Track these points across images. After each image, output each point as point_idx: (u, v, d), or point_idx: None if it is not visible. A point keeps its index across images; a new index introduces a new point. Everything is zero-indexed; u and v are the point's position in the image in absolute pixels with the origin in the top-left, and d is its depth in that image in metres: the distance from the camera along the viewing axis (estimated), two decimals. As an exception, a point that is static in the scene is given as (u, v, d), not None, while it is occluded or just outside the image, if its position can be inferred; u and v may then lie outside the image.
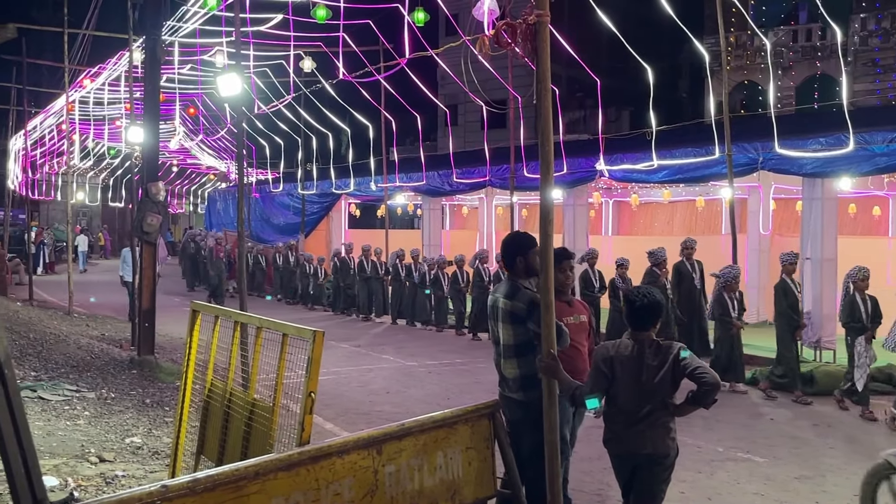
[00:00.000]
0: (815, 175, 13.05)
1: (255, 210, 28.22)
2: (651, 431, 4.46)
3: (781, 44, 28.92)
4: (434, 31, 31.37)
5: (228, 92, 10.74)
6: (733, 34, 29.15)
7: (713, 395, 4.30)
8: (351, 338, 16.08)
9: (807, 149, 12.77)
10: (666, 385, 4.43)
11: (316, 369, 4.26)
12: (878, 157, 12.18)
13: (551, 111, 4.76)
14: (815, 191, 13.39)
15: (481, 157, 18.80)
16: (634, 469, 4.55)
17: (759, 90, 29.07)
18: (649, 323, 4.55)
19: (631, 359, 4.50)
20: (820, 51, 28.58)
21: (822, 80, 28.54)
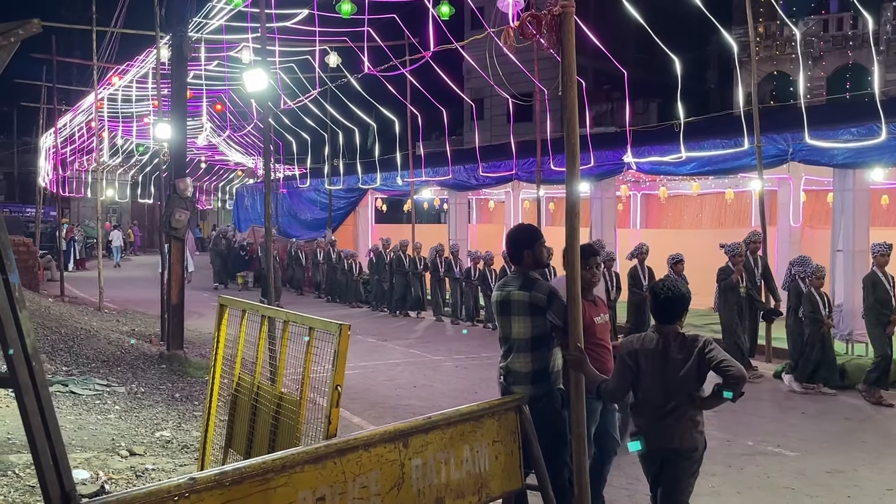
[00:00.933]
0: (846, 166, 12.87)
1: (283, 206, 28.34)
2: (678, 425, 4.42)
3: (812, 34, 28.55)
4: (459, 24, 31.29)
5: (255, 88, 10.77)
6: (762, 24, 28.81)
7: (740, 387, 4.25)
8: (384, 333, 16.12)
9: (838, 139, 12.59)
10: (692, 378, 4.39)
11: (342, 363, 4.26)
12: (912, 146, 11.99)
13: (577, 103, 4.73)
14: (847, 182, 13.20)
15: (507, 151, 18.75)
16: (662, 464, 4.51)
17: (789, 81, 28.72)
18: (675, 316, 4.51)
19: (656, 352, 4.46)
20: (851, 40, 28.18)
21: (854, 70, 28.15)
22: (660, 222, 23.14)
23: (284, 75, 21.25)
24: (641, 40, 19.50)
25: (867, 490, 6.63)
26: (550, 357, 5.11)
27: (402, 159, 21.67)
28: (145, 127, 27.47)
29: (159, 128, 14.35)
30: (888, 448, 7.93)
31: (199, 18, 15.69)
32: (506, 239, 5.46)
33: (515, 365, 5.13)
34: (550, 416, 5.01)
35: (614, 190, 18.87)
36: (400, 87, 19.87)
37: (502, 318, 5.21)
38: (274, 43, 17.57)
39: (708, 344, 4.39)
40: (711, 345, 4.39)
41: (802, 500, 6.39)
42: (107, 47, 22.70)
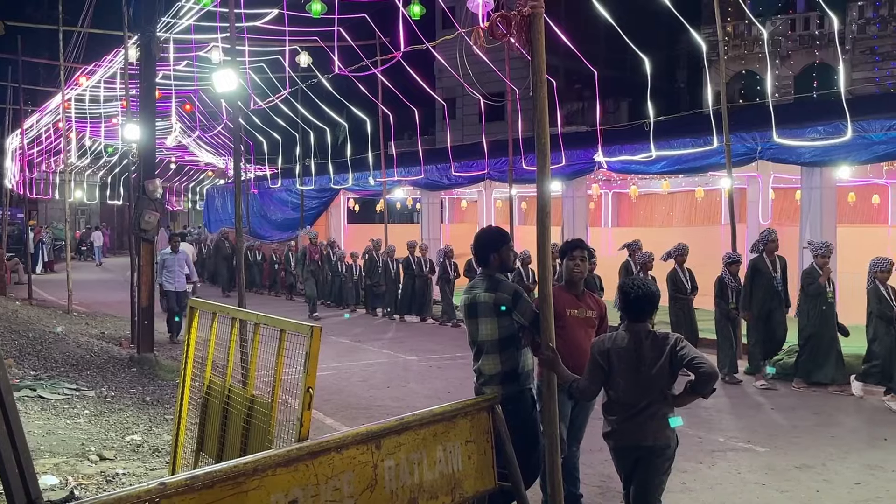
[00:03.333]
0: (813, 164, 13.04)
1: (253, 206, 28.18)
2: (651, 423, 4.46)
3: (779, 33, 28.87)
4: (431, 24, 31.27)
5: (224, 88, 10.71)
6: (731, 24, 29.09)
7: (711, 384, 4.30)
8: (358, 334, 16.07)
9: (805, 138, 12.75)
10: (664, 376, 4.43)
11: (314, 365, 4.25)
12: (877, 145, 12.17)
13: (547, 103, 4.75)
14: (814, 180, 13.37)
15: (479, 151, 18.78)
16: (636, 461, 4.54)
17: (758, 79, 29.01)
18: (645, 314, 4.56)
19: (628, 350, 4.50)
20: (818, 39, 28.52)
21: (821, 69, 28.49)
22: (631, 220, 23.30)
23: (255, 75, 21.12)
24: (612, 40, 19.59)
25: (836, 484, 6.71)
26: (520, 357, 5.13)
27: (374, 159, 21.63)
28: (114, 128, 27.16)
29: (128, 128, 14.21)
30: (856, 443, 8.03)
31: (167, 18, 15.54)
32: (474, 241, 5.47)
33: (485, 366, 5.14)
34: (522, 416, 5.03)
35: (586, 189, 18.98)
36: (371, 87, 19.83)
37: (470, 320, 5.22)
38: (244, 43, 17.45)
39: (679, 341, 4.44)
40: (683, 342, 4.44)
41: (772, 495, 6.46)
42: (74, 47, 22.41)
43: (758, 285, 10.76)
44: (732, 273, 11.20)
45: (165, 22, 15.54)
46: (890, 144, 12.09)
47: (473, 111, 33.63)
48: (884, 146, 12.16)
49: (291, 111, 23.77)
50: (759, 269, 10.78)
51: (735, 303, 11.06)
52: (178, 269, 14.44)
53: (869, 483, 6.73)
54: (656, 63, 15.15)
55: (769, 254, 10.83)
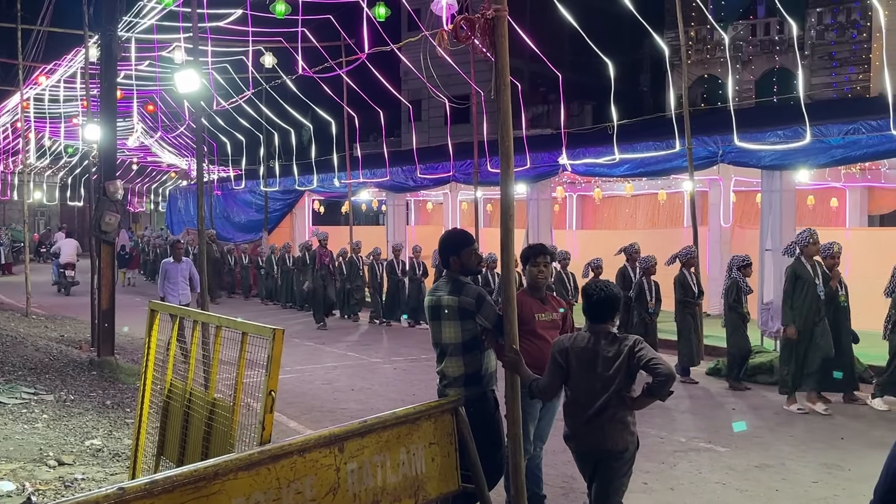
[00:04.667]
0: (773, 167, 13.22)
1: (217, 208, 27.95)
2: (609, 426, 4.47)
3: (740, 38, 29.26)
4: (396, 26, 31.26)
5: (187, 88, 10.61)
6: (693, 28, 29.43)
7: (668, 386, 4.32)
8: (321, 337, 15.99)
9: (765, 142, 12.93)
10: (621, 377, 4.45)
11: (276, 368, 4.23)
12: (834, 149, 12.38)
13: (511, 106, 4.77)
14: (774, 183, 13.56)
15: (445, 153, 18.80)
16: (595, 464, 4.57)
17: (719, 84, 29.39)
18: (607, 316, 4.58)
19: (587, 350, 4.53)
20: (778, 45, 28.96)
21: (781, 74, 28.91)
22: (595, 223, 23.46)
23: (218, 76, 20.94)
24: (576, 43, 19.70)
25: (794, 483, 6.82)
26: (483, 360, 5.15)
27: (339, 161, 21.55)
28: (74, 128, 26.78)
29: (88, 129, 14.04)
30: (814, 442, 8.16)
31: (129, 17, 15.37)
32: (438, 243, 5.48)
33: (449, 369, 5.15)
34: (485, 418, 5.04)
35: (550, 191, 19.07)
36: (336, 89, 19.75)
37: (433, 322, 5.22)
38: (206, 43, 17.30)
39: (638, 343, 4.46)
40: (641, 343, 4.46)
41: (732, 495, 6.54)
42: (33, 46, 22.07)
43: (800, 294, 9.53)
44: (745, 276, 10.69)
45: (127, 21, 15.38)
46: (847, 149, 12.31)
47: (439, 113, 33.66)
48: (841, 150, 12.37)
49: (255, 112, 23.61)
50: (800, 276, 9.54)
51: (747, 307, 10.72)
52: (182, 280, 12.84)
53: (826, 482, 6.85)
54: (620, 67, 15.28)
55: (808, 258, 9.62)
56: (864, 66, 26.88)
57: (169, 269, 12.92)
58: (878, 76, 24.33)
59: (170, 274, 12.86)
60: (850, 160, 13.04)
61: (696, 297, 11.53)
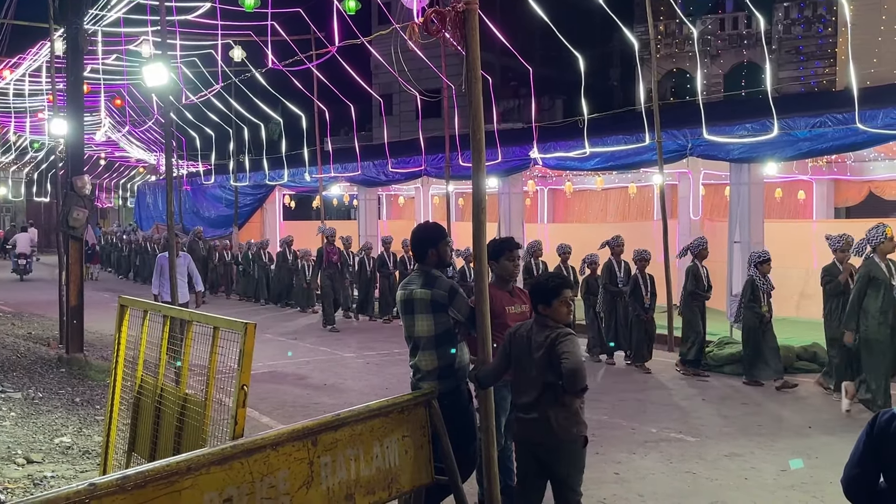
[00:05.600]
0: (741, 160, 13.36)
1: (186, 203, 27.72)
2: (540, 422, 4.47)
3: (709, 32, 29.51)
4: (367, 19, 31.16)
5: (155, 82, 10.50)
6: (662, 23, 29.63)
7: (575, 380, 4.30)
8: (294, 332, 15.93)
9: (733, 135, 13.06)
10: (543, 366, 4.46)
11: (248, 362, 4.21)
12: (801, 142, 12.54)
13: (482, 100, 4.78)
14: (743, 176, 13.71)
15: (416, 147, 18.78)
16: (540, 459, 4.56)
17: (688, 78, 29.61)
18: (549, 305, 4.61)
19: (523, 339, 4.61)
20: (746, 39, 29.24)
21: (749, 68, 29.20)
22: (566, 217, 23.58)
23: (186, 69, 20.74)
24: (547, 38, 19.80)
25: (763, 472, 6.91)
26: (456, 353, 5.16)
27: (309, 155, 21.44)
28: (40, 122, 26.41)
29: (55, 123, 13.84)
30: (782, 431, 8.28)
31: (95, 10, 15.17)
32: (410, 237, 5.48)
33: (422, 362, 5.16)
34: (458, 411, 5.06)
35: (521, 185, 19.12)
36: (307, 83, 19.65)
37: (406, 316, 5.23)
38: (175, 36, 17.12)
39: (562, 336, 4.46)
40: (565, 337, 4.46)
41: (703, 484, 6.62)
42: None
43: (874, 297, 8.79)
44: (763, 273, 10.27)
45: (93, 14, 15.17)
46: (814, 141, 12.47)
47: (410, 107, 33.58)
48: (808, 143, 12.54)
49: (225, 106, 23.43)
50: (875, 276, 8.78)
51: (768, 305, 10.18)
52: (179, 277, 11.52)
53: (794, 470, 6.95)
54: (590, 61, 15.34)
55: (882, 256, 8.89)
56: (830, 60, 27.22)
57: (165, 265, 11.59)
58: (843, 70, 24.67)
59: (166, 269, 11.57)
60: (816, 153, 13.24)
61: (706, 291, 11.24)
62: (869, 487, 3.03)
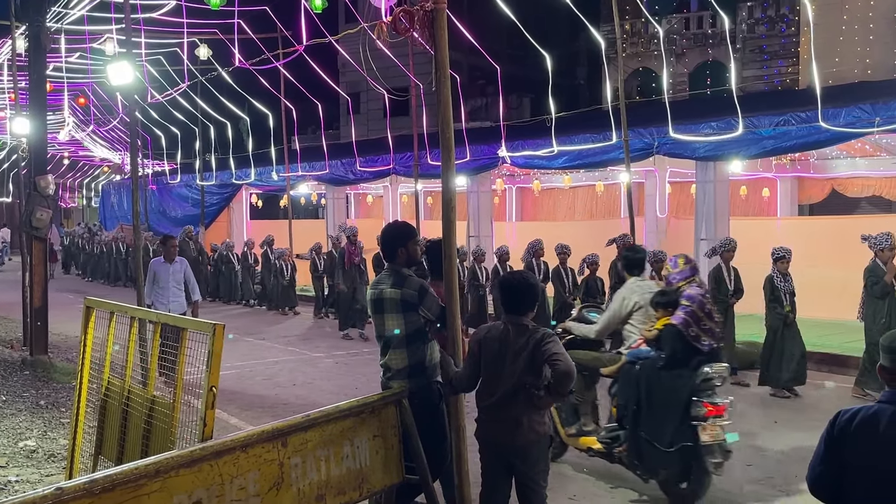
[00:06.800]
0: (707, 158, 13.52)
1: (152, 202, 27.45)
2: (507, 425, 4.45)
3: (674, 31, 29.74)
4: (334, 17, 31.00)
5: (119, 81, 10.36)
6: (628, 22, 29.81)
7: (566, 383, 4.29)
8: (262, 332, 15.82)
9: (699, 133, 13.20)
10: (526, 369, 4.40)
11: (217, 363, 4.18)
12: (766, 140, 12.71)
13: (451, 99, 4.79)
14: (708, 174, 13.86)
15: (385, 145, 18.76)
16: (508, 460, 4.54)
17: (654, 76, 29.83)
18: (521, 307, 4.55)
19: (499, 341, 4.51)
20: (711, 38, 29.49)
21: (714, 67, 29.46)
22: (535, 215, 23.68)
23: (152, 68, 20.52)
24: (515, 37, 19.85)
25: (729, 467, 6.93)
26: (426, 351, 5.16)
27: (277, 154, 21.33)
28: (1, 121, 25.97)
29: (17, 122, 13.60)
30: (750, 426, 8.35)
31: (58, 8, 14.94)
32: (380, 236, 5.47)
33: (392, 361, 5.16)
34: (428, 410, 5.06)
35: (490, 183, 19.18)
36: (273, 81, 19.53)
37: (376, 315, 5.23)
38: (139, 34, 16.92)
39: (548, 337, 4.42)
40: (551, 338, 4.42)
41: (671, 479, 6.67)
42: (-44, 36, 21.32)
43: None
44: (781, 271, 9.79)
45: (56, 11, 14.95)
46: (778, 139, 12.65)
47: (378, 106, 33.51)
48: (772, 141, 12.71)
49: (191, 105, 23.21)
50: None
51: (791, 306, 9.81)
52: (175, 286, 10.47)
53: (761, 465, 7.04)
54: (557, 60, 15.44)
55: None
56: (793, 60, 27.56)
57: (159, 271, 10.46)
58: (806, 69, 25.02)
59: (160, 276, 10.43)
60: (780, 151, 13.42)
61: (728, 295, 10.37)
62: (833, 485, 3.08)
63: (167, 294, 10.33)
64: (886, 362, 3.05)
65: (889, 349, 3.05)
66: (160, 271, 10.42)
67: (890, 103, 11.07)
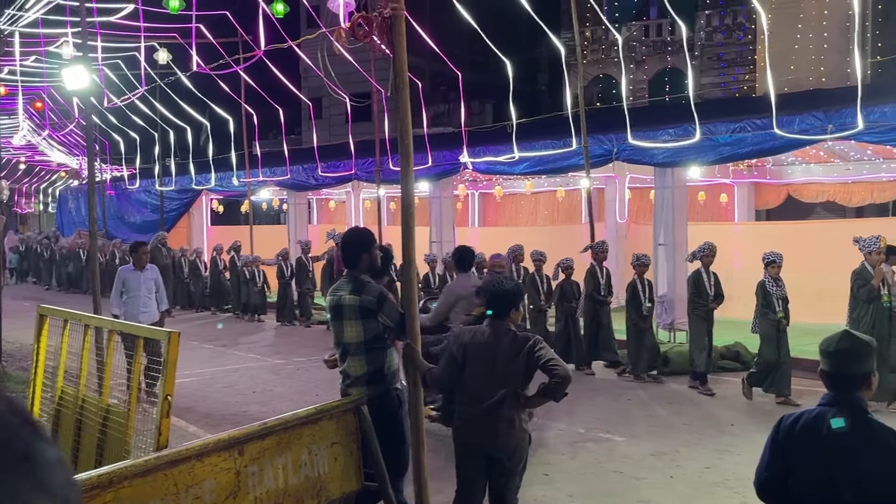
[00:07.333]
0: (665, 165, 13.66)
1: (110, 208, 27.07)
2: (502, 423, 4.50)
3: (634, 38, 30.06)
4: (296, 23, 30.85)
5: (75, 85, 10.23)
6: (588, 29, 30.07)
7: (564, 387, 4.37)
8: (222, 339, 15.66)
9: (657, 140, 13.34)
10: (518, 374, 4.49)
11: (172, 371, 4.14)
12: (723, 146, 12.88)
13: (413, 104, 4.80)
14: (666, 180, 14.01)
15: (347, 151, 18.69)
16: (488, 462, 4.59)
17: (615, 83, 30.12)
18: (505, 311, 4.62)
19: (485, 345, 4.56)
20: (670, 45, 29.85)
21: (673, 74, 29.82)
22: (497, 220, 23.77)
23: (110, 72, 20.25)
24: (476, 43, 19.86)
25: (687, 469, 7.08)
26: (385, 358, 5.15)
27: (237, 159, 21.15)
28: (-46, 125, 25.47)
29: (-31, 126, 13.34)
30: (707, 430, 8.48)
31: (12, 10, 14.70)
32: (341, 242, 5.45)
33: (351, 368, 5.14)
34: (388, 416, 5.05)
35: (452, 189, 19.21)
36: (234, 86, 19.38)
37: (335, 322, 5.20)
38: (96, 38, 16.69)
39: (538, 343, 4.50)
40: (541, 343, 4.51)
41: (629, 482, 6.75)
42: None
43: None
44: (773, 276, 9.66)
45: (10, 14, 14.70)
46: (735, 146, 12.83)
47: (340, 111, 33.38)
48: (729, 148, 12.88)
49: (150, 110, 22.94)
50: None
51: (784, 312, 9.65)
52: (146, 295, 9.87)
53: (718, 466, 7.13)
54: (519, 66, 15.51)
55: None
56: (749, 67, 27.99)
57: (128, 279, 9.84)
58: (763, 77, 25.41)
59: (130, 285, 9.81)
60: (737, 157, 13.62)
61: (709, 299, 10.32)
62: (779, 488, 3.14)
63: (137, 304, 9.76)
64: (825, 366, 3.11)
65: (827, 353, 3.11)
66: (130, 279, 9.84)
67: (842, 111, 11.27)
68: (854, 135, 11.17)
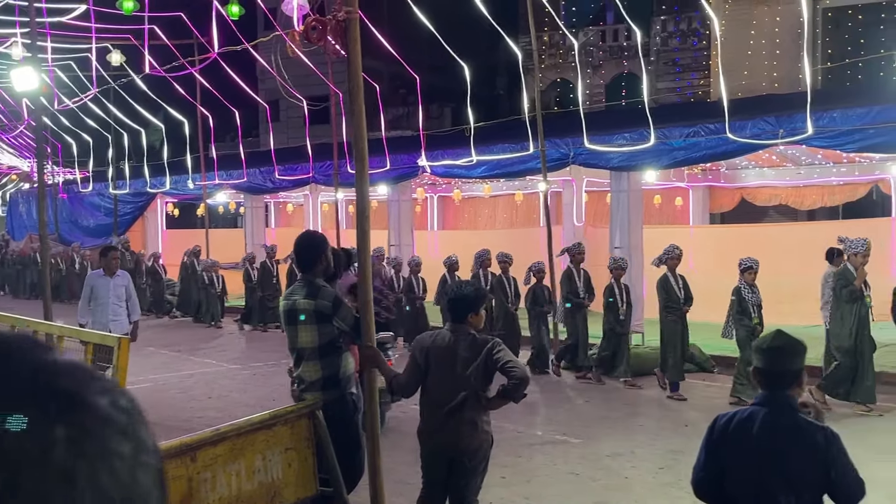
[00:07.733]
0: (621, 168, 13.80)
1: (63, 212, 26.58)
2: (464, 426, 4.53)
3: (591, 43, 30.32)
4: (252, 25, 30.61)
5: (24, 86, 10.04)
6: (546, 33, 30.26)
7: (522, 389, 4.42)
8: (179, 344, 15.46)
9: (613, 144, 13.46)
10: (478, 377, 4.52)
11: (122, 378, 4.08)
12: (676, 150, 13.05)
13: (371, 107, 4.80)
14: (622, 183, 14.15)
15: (304, 154, 18.58)
16: (450, 464, 4.62)
17: (572, 88, 30.33)
18: (464, 315, 4.64)
19: (446, 349, 4.59)
20: (626, 50, 30.15)
21: (630, 79, 30.12)
22: (456, 223, 23.80)
23: (61, 73, 19.90)
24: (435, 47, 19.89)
25: (643, 469, 7.15)
26: (340, 363, 5.14)
27: (193, 162, 20.92)
28: None
29: (-85, 128, 13.03)
30: (662, 430, 8.58)
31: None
32: (296, 246, 5.42)
33: (306, 373, 5.11)
34: (342, 422, 5.04)
35: (411, 192, 19.19)
36: (189, 88, 19.17)
37: (289, 327, 5.17)
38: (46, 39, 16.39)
39: (497, 345, 4.54)
40: (500, 346, 4.55)
41: (585, 483, 6.80)
42: None
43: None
44: (748, 282, 9.51)
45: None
46: (689, 150, 13.00)
47: (298, 114, 33.10)
48: (683, 152, 13.06)
49: (103, 112, 22.58)
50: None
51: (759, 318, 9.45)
52: (115, 302, 9.22)
53: (672, 467, 7.21)
54: (477, 70, 15.56)
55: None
56: (704, 73, 28.40)
57: (97, 286, 9.23)
58: (717, 82, 25.79)
59: (98, 292, 9.18)
60: (691, 161, 13.80)
61: (680, 303, 10.18)
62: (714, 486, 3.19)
63: (106, 312, 9.10)
64: (759, 363, 3.17)
65: (761, 350, 3.17)
66: (99, 286, 9.24)
67: (793, 116, 11.49)
68: (804, 139, 11.40)
